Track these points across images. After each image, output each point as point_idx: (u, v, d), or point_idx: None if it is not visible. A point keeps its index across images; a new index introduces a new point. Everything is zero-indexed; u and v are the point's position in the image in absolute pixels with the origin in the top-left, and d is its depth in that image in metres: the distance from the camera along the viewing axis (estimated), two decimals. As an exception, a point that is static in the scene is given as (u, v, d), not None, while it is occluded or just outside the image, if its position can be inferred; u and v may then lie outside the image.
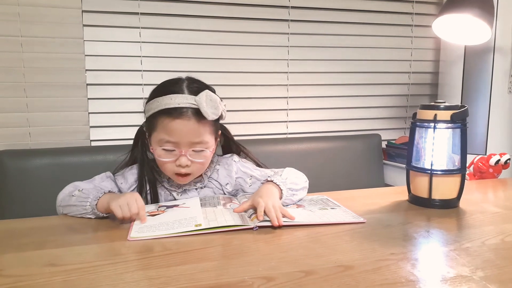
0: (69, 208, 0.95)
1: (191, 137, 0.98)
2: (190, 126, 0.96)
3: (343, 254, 0.72)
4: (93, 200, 0.91)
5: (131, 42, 1.63)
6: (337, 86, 1.93)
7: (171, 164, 0.99)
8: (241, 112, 1.81)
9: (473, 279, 0.63)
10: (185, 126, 0.96)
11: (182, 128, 0.96)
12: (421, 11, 1.99)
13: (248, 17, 1.75)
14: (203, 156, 1.01)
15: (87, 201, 0.92)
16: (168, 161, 0.99)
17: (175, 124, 0.96)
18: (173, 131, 0.96)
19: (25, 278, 0.64)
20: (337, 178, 1.71)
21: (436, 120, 1.01)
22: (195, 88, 1.00)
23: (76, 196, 0.95)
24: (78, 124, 1.60)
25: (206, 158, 1.02)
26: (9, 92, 1.51)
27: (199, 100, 0.95)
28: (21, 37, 1.50)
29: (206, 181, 1.09)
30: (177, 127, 0.96)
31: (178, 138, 0.97)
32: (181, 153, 0.98)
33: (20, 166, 1.36)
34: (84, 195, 0.94)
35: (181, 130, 0.96)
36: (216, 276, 0.64)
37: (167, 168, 1.01)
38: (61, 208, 0.97)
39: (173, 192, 1.07)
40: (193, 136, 0.98)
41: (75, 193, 0.95)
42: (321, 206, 0.99)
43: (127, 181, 1.07)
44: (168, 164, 1.00)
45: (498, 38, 1.66)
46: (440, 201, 1.02)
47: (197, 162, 1.00)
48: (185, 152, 0.98)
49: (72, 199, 0.95)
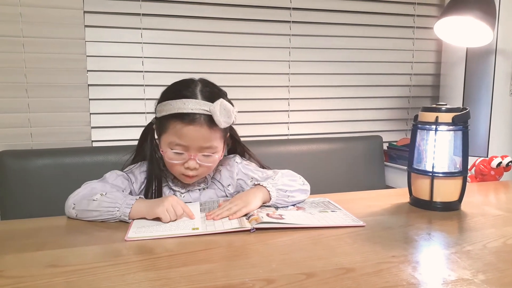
0: (89, 213, 0.91)
1: (202, 143, 0.99)
2: (202, 132, 0.97)
3: (344, 257, 0.72)
4: (124, 207, 0.89)
5: (133, 43, 1.64)
6: (339, 87, 1.93)
7: (180, 166, 1.01)
8: (242, 114, 1.80)
9: (474, 282, 0.63)
10: (197, 132, 0.97)
11: (193, 133, 0.97)
12: (422, 13, 1.99)
13: (250, 19, 1.75)
14: (211, 160, 1.02)
15: (115, 207, 0.90)
16: (177, 163, 1.00)
17: (187, 129, 0.97)
18: (185, 136, 0.97)
19: (26, 279, 0.64)
20: (338, 179, 1.71)
21: (438, 122, 1.00)
22: (208, 93, 1.00)
23: (99, 201, 0.91)
24: (80, 125, 1.61)
25: (214, 162, 1.04)
26: (11, 92, 1.51)
27: (214, 109, 0.96)
28: (23, 38, 1.50)
29: (209, 182, 1.11)
30: (188, 132, 0.97)
31: (189, 143, 0.98)
32: (190, 157, 0.99)
33: (21, 166, 1.37)
34: (110, 200, 0.91)
35: (192, 135, 0.97)
36: (216, 278, 0.64)
37: (175, 169, 1.02)
38: (75, 211, 0.93)
39: (176, 192, 1.08)
40: (204, 142, 0.99)
41: (97, 198, 0.92)
42: (321, 208, 0.99)
43: (137, 179, 1.07)
44: (176, 166, 1.01)
45: (500, 40, 1.65)
46: (441, 204, 1.02)
47: (205, 165, 1.01)
48: (194, 156, 0.99)
49: (93, 204, 0.91)
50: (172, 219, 0.88)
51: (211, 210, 0.96)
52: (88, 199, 0.92)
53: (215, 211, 0.92)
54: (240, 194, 1.00)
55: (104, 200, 0.91)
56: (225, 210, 0.92)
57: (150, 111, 1.67)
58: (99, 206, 0.90)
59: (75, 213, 0.93)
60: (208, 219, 0.90)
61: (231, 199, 0.97)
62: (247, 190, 1.03)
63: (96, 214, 0.91)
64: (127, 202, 0.90)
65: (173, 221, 0.89)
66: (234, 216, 0.90)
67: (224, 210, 0.92)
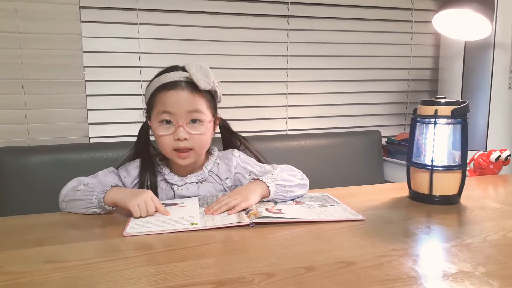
0: (74, 202, 0.94)
1: (186, 106, 1.00)
2: (184, 95, 1.00)
3: (344, 250, 0.72)
4: (100, 194, 0.91)
5: (130, 38, 1.63)
6: (337, 82, 1.93)
7: (169, 139, 1.01)
8: (240, 109, 1.80)
9: (475, 275, 0.62)
10: (179, 96, 1.00)
11: (176, 98, 1.00)
12: (420, 6, 1.98)
13: (247, 13, 1.74)
14: (200, 130, 1.02)
15: (93, 194, 0.92)
16: (166, 135, 1.01)
17: (170, 95, 1.00)
18: (168, 101, 1.00)
19: (25, 275, 0.63)
20: (337, 174, 1.71)
21: (437, 115, 1.00)
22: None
23: (81, 190, 0.95)
24: (77, 121, 1.60)
25: (204, 131, 1.03)
26: (7, 89, 1.50)
27: (189, 67, 0.99)
28: (19, 34, 1.49)
29: (206, 174, 1.10)
30: (172, 97, 1.00)
31: (174, 109, 0.99)
32: (178, 125, 1.00)
33: (18, 163, 1.36)
34: (89, 189, 0.94)
35: (175, 100, 1.00)
36: (216, 272, 0.64)
37: (166, 143, 1.01)
38: (65, 203, 0.96)
39: (173, 186, 1.07)
40: (188, 105, 1.00)
41: (80, 188, 0.95)
42: (320, 203, 0.99)
43: (130, 175, 1.08)
44: (166, 138, 1.01)
45: (498, 33, 1.65)
46: (440, 197, 1.01)
47: (194, 134, 1.01)
48: (182, 123, 1.00)
49: (77, 193, 0.94)
50: (142, 215, 0.88)
51: (210, 205, 0.95)
52: (74, 190, 0.96)
53: (214, 206, 0.92)
54: (239, 189, 0.99)
55: (85, 189, 0.95)
56: (224, 204, 0.91)
57: (148, 107, 1.67)
58: (81, 195, 0.94)
59: (65, 205, 0.96)
60: (207, 214, 0.90)
61: (230, 193, 0.96)
62: (246, 185, 1.02)
63: (79, 204, 0.94)
64: (103, 189, 0.93)
65: (172, 218, 0.88)
66: (233, 210, 0.90)
67: (223, 205, 0.91)
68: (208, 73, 1.00)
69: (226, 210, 0.90)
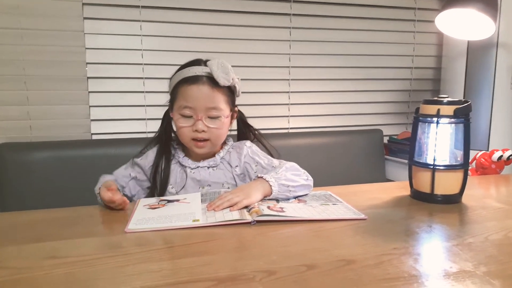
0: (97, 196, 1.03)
1: (206, 102, 1.05)
2: (205, 91, 1.05)
3: (345, 249, 0.72)
4: (97, 189, 1.01)
5: (132, 35, 1.63)
6: (339, 81, 1.92)
7: (188, 130, 1.07)
8: (242, 107, 1.79)
9: (476, 274, 0.62)
10: (200, 91, 1.05)
11: (197, 92, 1.05)
12: (423, 6, 1.98)
13: (250, 11, 1.74)
14: (218, 124, 1.08)
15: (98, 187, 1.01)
16: (186, 126, 1.07)
17: (191, 89, 1.05)
18: (190, 96, 1.05)
19: (25, 271, 0.63)
20: (339, 173, 1.71)
21: (439, 115, 1.00)
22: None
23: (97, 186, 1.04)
24: (79, 118, 1.60)
25: (221, 125, 1.08)
26: (10, 85, 1.50)
27: (211, 64, 1.04)
28: (21, 30, 1.49)
29: (218, 161, 1.14)
30: (192, 92, 1.05)
31: (194, 103, 1.05)
32: (198, 118, 1.05)
33: (20, 159, 1.36)
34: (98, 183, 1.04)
35: (196, 94, 1.05)
36: (217, 269, 0.64)
37: (185, 133, 1.08)
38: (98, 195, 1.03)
39: (186, 169, 1.12)
40: (208, 101, 1.05)
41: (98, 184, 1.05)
42: (322, 202, 0.99)
43: (147, 157, 1.15)
44: (185, 130, 1.07)
45: (501, 33, 1.64)
46: (442, 196, 1.01)
47: (212, 128, 1.07)
48: (201, 117, 1.05)
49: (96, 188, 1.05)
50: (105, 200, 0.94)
51: (212, 201, 0.96)
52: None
53: (216, 202, 0.92)
54: (242, 186, 1.00)
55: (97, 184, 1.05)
56: (226, 201, 0.92)
57: (150, 103, 1.67)
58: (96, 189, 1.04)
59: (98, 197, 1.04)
60: (209, 210, 0.90)
61: (232, 190, 0.97)
62: (249, 183, 1.04)
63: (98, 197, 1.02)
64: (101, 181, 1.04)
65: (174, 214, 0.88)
66: (234, 207, 0.90)
67: (225, 201, 0.92)
68: (228, 70, 1.05)
69: (228, 206, 0.91)
